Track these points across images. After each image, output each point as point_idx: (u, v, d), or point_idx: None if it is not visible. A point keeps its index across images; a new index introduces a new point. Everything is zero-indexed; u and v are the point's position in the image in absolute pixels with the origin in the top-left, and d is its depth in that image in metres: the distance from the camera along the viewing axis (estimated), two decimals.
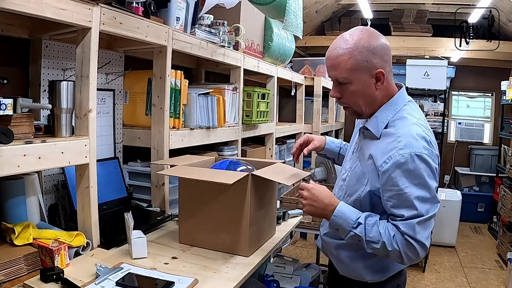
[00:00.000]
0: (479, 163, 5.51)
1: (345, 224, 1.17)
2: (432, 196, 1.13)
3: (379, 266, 1.29)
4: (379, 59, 1.14)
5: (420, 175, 1.10)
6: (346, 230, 1.17)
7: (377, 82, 1.16)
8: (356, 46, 1.13)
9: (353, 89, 1.17)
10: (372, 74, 1.14)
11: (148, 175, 1.91)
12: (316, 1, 4.60)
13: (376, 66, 1.14)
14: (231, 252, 1.44)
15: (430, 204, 1.12)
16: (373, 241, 1.14)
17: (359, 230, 1.15)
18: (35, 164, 1.18)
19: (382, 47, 1.15)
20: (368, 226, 1.15)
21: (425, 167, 1.10)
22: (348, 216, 1.17)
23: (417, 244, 1.11)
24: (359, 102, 1.20)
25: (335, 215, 1.18)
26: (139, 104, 1.95)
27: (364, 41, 1.13)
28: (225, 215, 1.45)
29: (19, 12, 1.11)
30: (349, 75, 1.15)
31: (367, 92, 1.17)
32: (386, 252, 1.14)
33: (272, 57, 2.89)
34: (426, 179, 1.11)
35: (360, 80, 1.15)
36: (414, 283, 3.57)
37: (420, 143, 1.12)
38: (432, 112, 4.00)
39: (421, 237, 1.11)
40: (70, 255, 1.28)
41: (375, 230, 1.14)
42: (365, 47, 1.13)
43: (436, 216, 1.18)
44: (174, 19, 1.80)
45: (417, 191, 1.10)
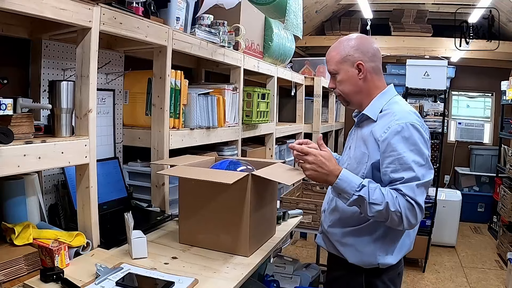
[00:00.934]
0: (479, 163, 5.51)
1: (349, 187, 1.25)
2: (426, 162, 1.26)
3: (390, 247, 1.38)
4: (361, 54, 1.37)
5: (415, 141, 1.26)
6: (350, 194, 1.25)
7: (359, 72, 1.37)
8: (343, 45, 1.40)
9: (340, 78, 1.41)
10: (354, 65, 1.37)
11: (148, 175, 1.91)
12: (316, 1, 4.60)
13: (357, 59, 1.37)
14: (231, 252, 1.44)
15: (425, 169, 1.26)
16: (376, 203, 1.22)
17: (363, 192, 1.23)
18: (35, 164, 1.18)
19: (365, 46, 1.38)
20: (371, 189, 1.24)
21: (418, 135, 1.27)
22: (352, 180, 1.26)
23: (417, 207, 1.22)
24: (345, 89, 1.41)
25: (340, 178, 1.26)
26: (139, 104, 1.95)
27: (351, 41, 1.40)
28: (225, 215, 1.45)
29: (19, 12, 1.11)
30: (336, 66, 1.40)
31: (352, 81, 1.39)
32: (387, 214, 1.22)
33: (272, 57, 2.89)
34: (421, 146, 1.26)
35: (344, 71, 1.39)
36: (414, 283, 3.57)
37: (413, 116, 1.31)
38: (432, 112, 3.99)
39: (420, 200, 1.23)
40: (70, 255, 1.28)
41: (378, 192, 1.23)
42: (350, 45, 1.39)
43: (436, 216, 1.22)
44: (174, 19, 1.80)
45: (414, 156, 1.25)
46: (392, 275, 1.44)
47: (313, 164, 1.29)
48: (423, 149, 1.27)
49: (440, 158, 3.95)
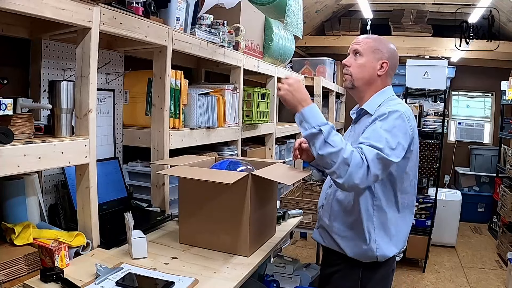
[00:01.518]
0: (479, 163, 5.51)
1: (313, 120, 1.28)
2: (397, 149, 1.28)
3: (388, 239, 1.42)
4: (389, 56, 1.47)
5: (393, 125, 1.30)
6: (311, 125, 1.27)
7: (380, 69, 1.45)
8: (382, 42, 1.49)
9: (362, 62, 1.46)
10: (379, 61, 1.45)
11: (148, 175, 1.91)
12: (316, 1, 4.60)
13: (384, 58, 1.46)
14: (231, 252, 1.44)
15: (393, 152, 1.27)
16: (331, 144, 1.23)
17: (325, 129, 1.25)
18: (35, 164, 1.18)
19: (393, 53, 1.49)
20: (333, 133, 1.26)
21: (400, 123, 1.31)
22: (320, 116, 1.29)
23: (366, 169, 1.23)
24: (359, 74, 1.46)
25: (310, 107, 1.30)
26: (139, 104, 1.95)
27: (389, 44, 1.50)
28: (225, 215, 1.45)
29: (19, 12, 1.11)
30: (366, 51, 1.46)
31: (369, 70, 1.46)
32: (337, 158, 1.22)
33: (272, 57, 2.88)
34: (397, 131, 1.30)
35: (369, 58, 1.45)
36: (414, 283, 3.57)
37: (404, 108, 1.37)
38: (432, 112, 3.99)
39: (372, 166, 1.23)
40: (70, 255, 1.28)
41: (339, 138, 1.25)
42: (387, 46, 1.49)
43: (436, 216, 1.22)
44: (174, 19, 1.80)
45: (389, 136, 1.28)
46: (387, 271, 1.49)
47: (292, 87, 1.33)
48: (399, 135, 1.30)
49: (440, 158, 3.95)
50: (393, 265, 1.53)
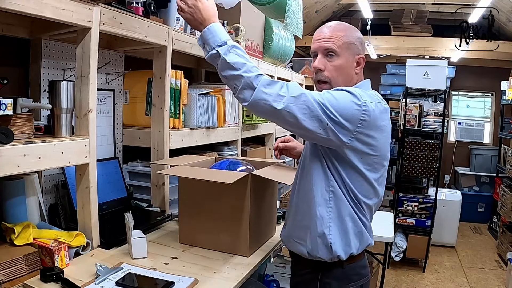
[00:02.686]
0: (479, 163, 5.51)
1: (212, 40, 1.17)
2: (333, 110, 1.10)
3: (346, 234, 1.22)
4: (362, 48, 1.28)
5: (343, 97, 1.13)
6: (211, 46, 1.16)
7: (357, 66, 1.26)
8: (350, 31, 1.27)
9: (339, 63, 1.24)
10: (355, 57, 1.25)
11: (148, 175, 1.91)
12: (316, 1, 4.60)
13: (360, 52, 1.27)
14: (231, 252, 1.44)
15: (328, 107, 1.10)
16: (233, 66, 1.12)
17: (222, 49, 1.14)
18: (35, 164, 1.18)
19: (363, 42, 1.30)
20: (233, 52, 1.14)
21: (351, 101, 1.12)
22: (218, 34, 1.17)
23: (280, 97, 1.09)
24: (339, 77, 1.25)
25: (209, 28, 1.18)
26: (139, 104, 1.95)
27: (356, 32, 1.29)
28: (225, 215, 1.45)
29: (19, 12, 1.11)
30: (341, 49, 1.23)
31: (347, 71, 1.25)
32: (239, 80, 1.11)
33: (272, 57, 2.88)
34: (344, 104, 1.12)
35: (346, 57, 1.24)
36: (414, 283, 3.57)
37: (368, 98, 1.16)
38: (432, 112, 3.99)
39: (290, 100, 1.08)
40: (70, 255, 1.28)
41: (241, 59, 1.13)
42: (356, 35, 1.27)
43: (436, 216, 1.15)
44: (174, 19, 1.80)
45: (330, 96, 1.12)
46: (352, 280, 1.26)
47: (191, 8, 1.20)
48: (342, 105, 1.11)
49: (440, 158, 3.95)
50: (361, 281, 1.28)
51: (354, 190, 1.22)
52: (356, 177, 1.21)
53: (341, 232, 1.22)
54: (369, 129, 1.15)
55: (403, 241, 3.90)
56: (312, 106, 1.09)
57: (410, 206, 3.89)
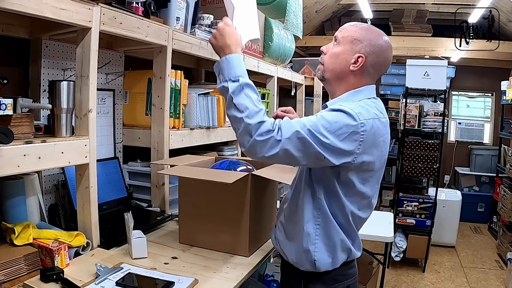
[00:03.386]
0: (479, 163, 5.52)
1: (227, 72, 1.15)
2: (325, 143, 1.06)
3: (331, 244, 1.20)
4: (370, 51, 1.20)
5: (339, 121, 1.08)
6: (224, 77, 1.15)
7: (354, 63, 1.20)
8: (367, 30, 1.23)
9: (335, 51, 1.24)
10: (355, 53, 1.20)
11: (148, 175, 1.91)
12: (316, 1, 4.60)
13: (361, 51, 1.20)
14: (231, 252, 1.44)
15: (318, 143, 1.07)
16: (237, 107, 1.10)
17: (232, 87, 1.11)
18: (35, 164, 1.18)
19: (378, 48, 1.21)
20: (242, 93, 1.11)
21: (348, 124, 1.08)
22: (235, 67, 1.15)
23: (275, 141, 1.06)
24: (330, 65, 1.24)
25: (229, 57, 1.16)
26: (139, 104, 1.95)
27: (373, 33, 1.23)
28: (225, 215, 1.45)
29: (19, 12, 1.11)
30: (344, 39, 1.23)
31: (341, 63, 1.22)
32: (239, 124, 1.09)
33: (272, 57, 2.88)
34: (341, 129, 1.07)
35: (345, 48, 1.22)
36: (414, 283, 3.57)
37: (366, 115, 1.12)
38: (432, 112, 3.99)
39: (287, 142, 1.06)
40: (70, 255, 1.28)
41: (248, 101, 1.10)
42: (371, 35, 1.22)
43: (436, 216, 1.13)
44: (174, 19, 1.80)
45: (325, 122, 1.07)
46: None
47: (219, 31, 1.20)
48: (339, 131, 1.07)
49: (440, 158, 3.95)
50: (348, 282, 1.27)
51: (349, 206, 1.19)
52: (352, 193, 1.19)
53: (327, 249, 1.21)
54: (368, 148, 1.13)
55: (403, 241, 3.90)
56: (307, 142, 1.06)
57: (410, 206, 3.89)
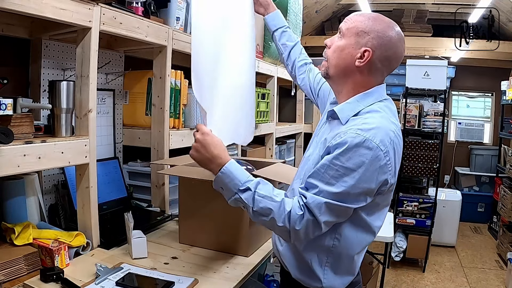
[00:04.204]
0: (479, 163, 5.52)
1: (231, 184, 1.05)
2: (357, 194, 0.99)
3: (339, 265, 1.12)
4: (378, 43, 1.06)
5: (362, 164, 0.96)
6: (232, 192, 1.05)
7: (360, 58, 1.07)
8: (374, 20, 1.09)
9: (339, 44, 1.11)
10: (361, 47, 1.07)
11: (148, 175, 1.91)
12: (316, 1, 4.60)
13: (368, 44, 1.06)
14: (231, 252, 1.44)
15: (352, 199, 0.99)
16: (261, 214, 1.02)
17: (247, 198, 1.03)
18: (35, 164, 1.18)
19: (388, 40, 1.08)
20: (258, 195, 1.02)
21: (372, 162, 0.97)
22: (237, 176, 1.05)
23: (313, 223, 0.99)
24: (334, 60, 1.12)
25: (223, 171, 1.05)
26: (139, 104, 1.95)
27: (383, 24, 1.09)
28: (225, 215, 1.45)
29: (19, 12, 1.11)
30: (349, 31, 1.10)
31: (346, 58, 1.09)
32: (272, 226, 1.03)
33: (272, 57, 2.88)
34: (366, 174, 0.97)
35: (350, 42, 1.09)
36: (414, 283, 3.57)
37: (384, 138, 0.99)
38: (432, 112, 3.99)
39: (322, 217, 0.98)
40: (70, 255, 1.28)
41: (267, 201, 1.01)
42: (378, 26, 1.08)
43: (436, 216, 1.10)
44: (174, 19, 1.80)
45: (348, 178, 0.97)
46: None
47: (198, 143, 1.09)
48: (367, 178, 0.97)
49: (440, 158, 3.95)
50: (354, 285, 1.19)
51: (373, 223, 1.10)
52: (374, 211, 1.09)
53: (337, 273, 1.12)
54: (395, 170, 1.05)
55: (403, 241, 3.90)
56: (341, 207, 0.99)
57: (410, 206, 3.89)
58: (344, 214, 1.02)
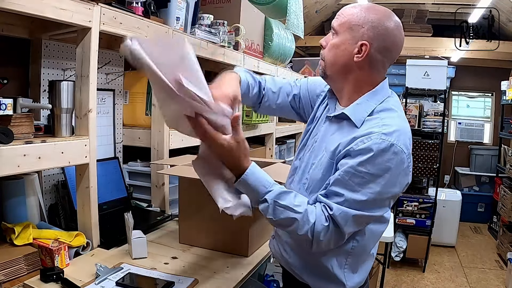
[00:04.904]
0: (479, 163, 5.52)
1: (251, 196, 1.02)
2: (385, 202, 1.00)
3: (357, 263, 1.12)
4: (374, 35, 1.02)
5: (387, 170, 0.95)
6: (260, 196, 1.00)
7: (358, 53, 1.03)
8: (368, 11, 1.04)
9: (334, 42, 1.07)
10: (357, 41, 1.02)
11: (148, 175, 1.91)
12: (316, 1, 4.60)
13: (364, 37, 1.02)
14: (231, 252, 1.44)
15: (376, 206, 0.99)
16: (282, 225, 1.01)
17: (265, 210, 1.00)
18: (35, 164, 1.18)
19: (384, 30, 1.02)
20: (279, 206, 0.98)
21: (397, 166, 0.96)
22: (260, 184, 0.99)
23: (336, 234, 0.97)
24: (331, 58, 1.08)
25: (246, 177, 0.99)
26: (139, 104, 1.95)
27: (377, 14, 1.03)
28: (226, 215, 1.45)
29: (19, 12, 1.11)
30: (342, 27, 1.06)
31: (343, 55, 1.05)
32: (294, 234, 1.00)
33: (272, 57, 2.88)
34: (392, 180, 0.96)
35: (345, 38, 1.05)
36: (414, 283, 3.57)
37: (405, 140, 0.98)
38: (432, 112, 3.99)
39: (346, 231, 0.97)
40: (70, 255, 1.28)
41: (289, 213, 0.97)
42: (370, 17, 1.03)
43: (436, 216, 1.12)
44: (174, 19, 1.80)
45: (374, 185, 0.95)
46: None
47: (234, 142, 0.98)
48: (390, 184, 0.96)
49: (440, 158, 3.95)
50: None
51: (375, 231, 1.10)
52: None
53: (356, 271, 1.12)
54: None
55: (403, 241, 3.90)
56: (368, 216, 0.98)
57: (410, 206, 3.90)
58: (368, 222, 1.02)
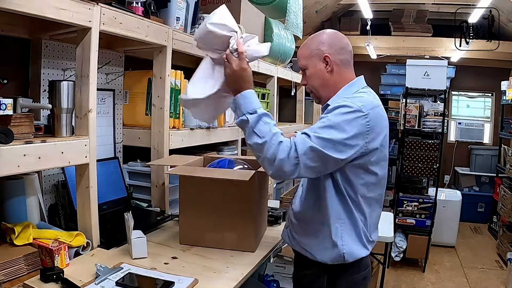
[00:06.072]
0: (479, 163, 5.51)
1: (244, 106, 1.25)
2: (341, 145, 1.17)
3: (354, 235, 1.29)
4: (328, 47, 1.33)
5: (343, 120, 1.18)
6: (242, 111, 1.24)
7: (326, 65, 1.32)
8: (312, 41, 1.36)
9: (309, 73, 1.36)
10: (321, 59, 1.32)
11: (148, 175, 1.91)
12: (316, 1, 4.60)
13: (324, 52, 1.32)
14: (237, 249, 1.45)
15: (332, 148, 1.16)
16: (258, 134, 1.20)
17: (252, 118, 1.22)
18: (35, 164, 1.18)
19: (333, 39, 1.34)
20: (261, 122, 1.21)
21: (351, 119, 1.18)
22: (253, 102, 1.25)
23: (295, 162, 1.15)
24: (315, 84, 1.36)
25: (245, 93, 1.27)
26: (139, 104, 1.95)
27: (319, 36, 1.36)
28: (232, 213, 1.46)
29: (19, 12, 1.11)
30: (305, 61, 1.36)
31: (320, 75, 1.34)
32: (261, 149, 1.19)
33: (272, 57, 2.88)
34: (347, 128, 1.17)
35: (313, 65, 1.34)
36: (414, 283, 3.57)
37: (361, 103, 1.21)
38: (432, 112, 3.99)
39: (304, 159, 1.15)
40: (70, 255, 1.28)
41: (267, 128, 1.20)
42: (318, 40, 1.35)
43: (436, 216, 1.17)
44: (174, 19, 1.80)
45: (332, 130, 1.17)
46: (357, 278, 1.33)
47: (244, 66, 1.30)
48: (346, 131, 1.17)
49: (440, 158, 3.95)
50: (366, 272, 1.36)
51: (366, 194, 1.28)
52: (367, 178, 1.27)
53: (354, 241, 1.28)
54: (376, 135, 1.23)
55: (403, 241, 3.90)
56: (319, 152, 1.16)
57: (410, 206, 3.89)
58: (325, 161, 1.18)
